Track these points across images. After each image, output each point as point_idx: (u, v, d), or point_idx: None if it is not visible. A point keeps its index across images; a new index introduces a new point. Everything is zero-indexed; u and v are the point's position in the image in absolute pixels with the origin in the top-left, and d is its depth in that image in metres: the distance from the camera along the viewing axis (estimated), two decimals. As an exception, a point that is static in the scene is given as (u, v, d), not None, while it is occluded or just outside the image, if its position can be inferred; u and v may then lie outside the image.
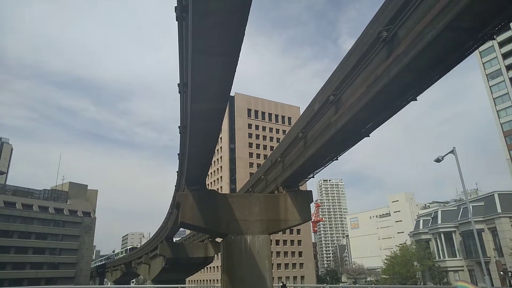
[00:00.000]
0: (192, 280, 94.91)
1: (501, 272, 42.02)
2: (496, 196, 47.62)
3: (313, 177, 18.09)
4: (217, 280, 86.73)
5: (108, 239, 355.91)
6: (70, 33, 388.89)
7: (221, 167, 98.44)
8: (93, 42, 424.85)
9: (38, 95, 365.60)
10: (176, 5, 7.00)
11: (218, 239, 37.05)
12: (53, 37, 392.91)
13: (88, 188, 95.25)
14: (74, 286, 63.24)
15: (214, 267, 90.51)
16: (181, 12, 6.84)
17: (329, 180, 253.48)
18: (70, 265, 77.76)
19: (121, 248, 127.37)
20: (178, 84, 9.80)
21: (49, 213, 77.70)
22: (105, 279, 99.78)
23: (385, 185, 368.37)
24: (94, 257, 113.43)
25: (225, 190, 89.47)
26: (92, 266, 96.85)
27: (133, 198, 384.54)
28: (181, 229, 45.02)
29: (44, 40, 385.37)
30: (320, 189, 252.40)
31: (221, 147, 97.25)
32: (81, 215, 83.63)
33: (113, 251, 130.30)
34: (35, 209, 75.61)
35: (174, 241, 42.05)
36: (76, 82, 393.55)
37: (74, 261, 78.54)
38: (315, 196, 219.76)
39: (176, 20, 7.39)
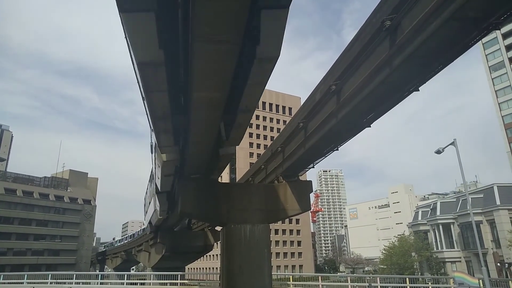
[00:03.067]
0: (191, 268, 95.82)
1: (498, 264, 42.32)
2: (495, 188, 47.72)
3: (313, 167, 18.11)
4: (216, 268, 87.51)
5: (108, 226, 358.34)
6: (74, 22, 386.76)
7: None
8: (98, 31, 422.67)
9: (41, 84, 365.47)
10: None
11: (218, 228, 37.26)
12: (58, 26, 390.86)
13: (88, 176, 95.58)
14: (75, 273, 63.86)
15: (213, 255, 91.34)
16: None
17: (329, 171, 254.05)
18: (71, 251, 78.45)
19: (121, 236, 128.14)
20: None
21: (49, 200, 78.08)
22: (105, 266, 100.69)
23: (386, 177, 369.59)
24: (94, 244, 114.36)
25: (225, 179, 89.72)
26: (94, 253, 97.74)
27: (134, 186, 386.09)
28: (181, 217, 44.97)
29: (48, 29, 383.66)
30: (319, 180, 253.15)
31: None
32: (81, 202, 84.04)
33: (113, 239, 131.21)
34: (35, 196, 75.97)
35: (174, 229, 42.27)
36: (79, 71, 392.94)
37: (74, 248, 79.21)
38: (315, 186, 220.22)
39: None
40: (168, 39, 7.04)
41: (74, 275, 33.89)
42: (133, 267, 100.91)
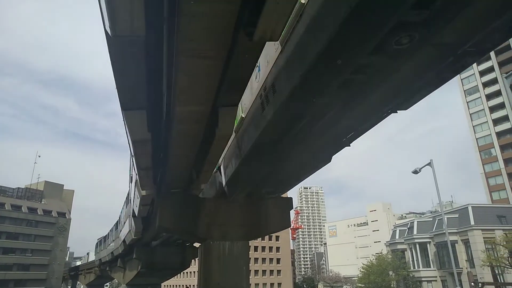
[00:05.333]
0: (168, 285, 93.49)
1: (472, 283, 43.00)
2: (469, 208, 48.94)
3: (294, 184, 18.16)
4: (194, 285, 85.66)
5: (83, 240, 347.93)
6: (58, 31, 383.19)
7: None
8: (82, 41, 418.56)
9: (21, 92, 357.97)
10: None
11: (196, 244, 36.65)
12: (41, 35, 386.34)
13: (64, 188, 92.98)
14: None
15: (190, 272, 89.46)
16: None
17: (309, 188, 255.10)
18: (42, 266, 75.42)
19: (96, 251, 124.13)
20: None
21: (22, 212, 75.30)
22: (78, 282, 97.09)
23: (365, 195, 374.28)
24: (67, 259, 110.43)
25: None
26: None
27: (112, 200, 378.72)
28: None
29: (31, 38, 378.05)
30: (300, 196, 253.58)
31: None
32: (56, 215, 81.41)
33: (87, 253, 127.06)
34: (7, 208, 73.14)
35: (151, 245, 41.35)
36: (61, 81, 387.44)
37: (46, 262, 76.21)
38: (295, 203, 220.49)
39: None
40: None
41: (44, 291, 32.55)
42: (107, 284, 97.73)
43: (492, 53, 73.31)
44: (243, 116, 11.61)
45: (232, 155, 13.63)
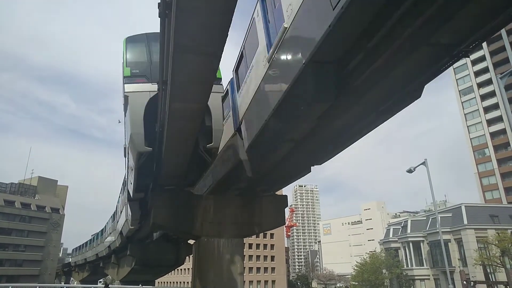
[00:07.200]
0: (162, 282, 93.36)
1: (464, 282, 43.41)
2: (463, 208, 49.28)
3: (289, 182, 18.18)
4: (188, 282, 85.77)
5: (78, 237, 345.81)
6: (57, 27, 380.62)
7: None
8: (80, 38, 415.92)
9: (17, 88, 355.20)
10: (159, 1, 6.90)
11: (190, 241, 36.63)
12: (39, 31, 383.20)
13: (58, 183, 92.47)
14: (38, 285, 61.01)
15: (185, 269, 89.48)
16: (164, 8, 6.75)
17: (304, 186, 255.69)
18: (35, 262, 74.99)
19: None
20: (158, 82, 9.68)
21: (15, 207, 74.75)
22: (71, 278, 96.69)
23: (360, 194, 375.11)
24: (61, 255, 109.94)
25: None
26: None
27: (108, 196, 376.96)
28: (153, 229, 43.78)
29: (29, 33, 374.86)
30: (295, 194, 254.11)
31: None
32: (49, 211, 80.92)
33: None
34: (0, 203, 72.62)
35: (145, 241, 41.24)
36: (58, 77, 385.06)
37: (39, 258, 75.77)
38: (290, 201, 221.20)
39: (159, 17, 7.29)
40: None
41: (37, 287, 32.42)
42: (101, 280, 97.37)
43: (487, 54, 73.87)
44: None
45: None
